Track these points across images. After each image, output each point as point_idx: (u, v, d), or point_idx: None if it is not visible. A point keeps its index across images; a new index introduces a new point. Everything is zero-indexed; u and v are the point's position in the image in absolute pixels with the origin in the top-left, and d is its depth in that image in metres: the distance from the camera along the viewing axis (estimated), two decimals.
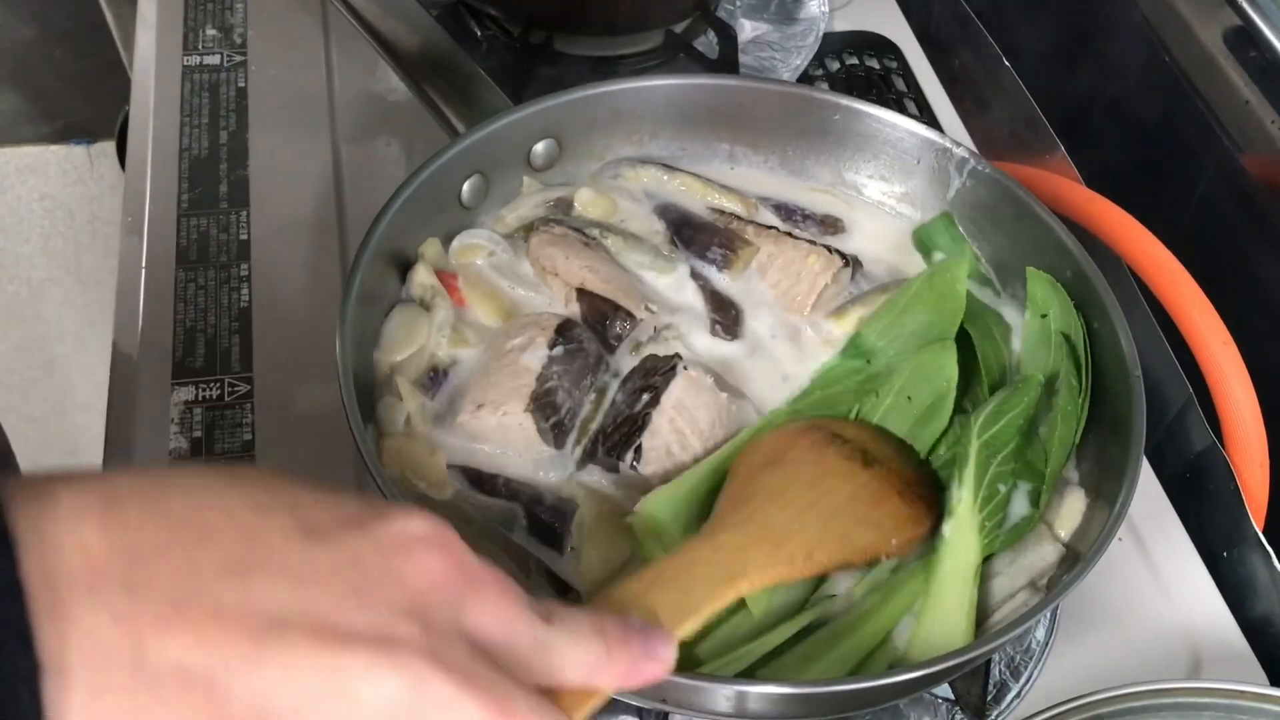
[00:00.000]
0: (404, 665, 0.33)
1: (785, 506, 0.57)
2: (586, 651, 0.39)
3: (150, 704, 0.30)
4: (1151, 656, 0.70)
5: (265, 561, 0.33)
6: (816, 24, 1.05)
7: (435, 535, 0.36)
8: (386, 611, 0.33)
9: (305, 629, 0.32)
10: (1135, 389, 0.63)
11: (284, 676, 0.32)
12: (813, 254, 0.74)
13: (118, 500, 0.32)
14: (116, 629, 0.30)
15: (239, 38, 1.01)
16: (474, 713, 0.34)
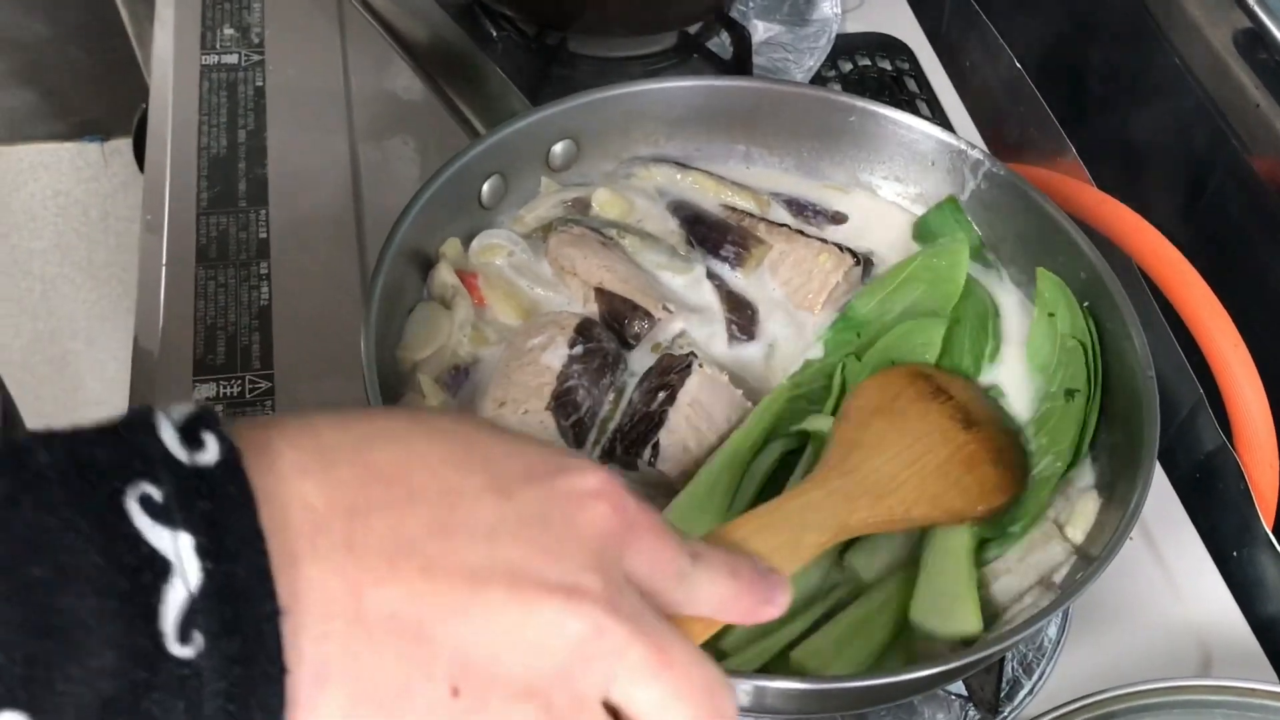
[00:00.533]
0: (586, 613, 0.35)
1: (890, 460, 0.60)
2: (720, 590, 0.41)
3: (364, 650, 0.33)
4: (1162, 655, 0.71)
5: (465, 520, 0.35)
6: (829, 25, 1.06)
7: (605, 487, 0.38)
8: (570, 563, 0.36)
9: (502, 581, 0.35)
10: (1148, 390, 0.63)
11: (484, 624, 0.34)
12: (824, 252, 0.74)
13: (331, 457, 0.35)
14: (339, 581, 0.33)
15: (256, 37, 1.02)
16: (641, 657, 0.36)
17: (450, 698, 0.34)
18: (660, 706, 0.37)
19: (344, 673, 0.33)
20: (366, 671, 0.33)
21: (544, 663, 0.35)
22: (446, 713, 0.34)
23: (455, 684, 0.34)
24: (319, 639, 0.32)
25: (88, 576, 0.29)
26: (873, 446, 0.60)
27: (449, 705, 0.34)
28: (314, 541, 0.33)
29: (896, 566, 0.62)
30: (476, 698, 0.34)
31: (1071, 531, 0.64)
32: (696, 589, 0.41)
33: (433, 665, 0.34)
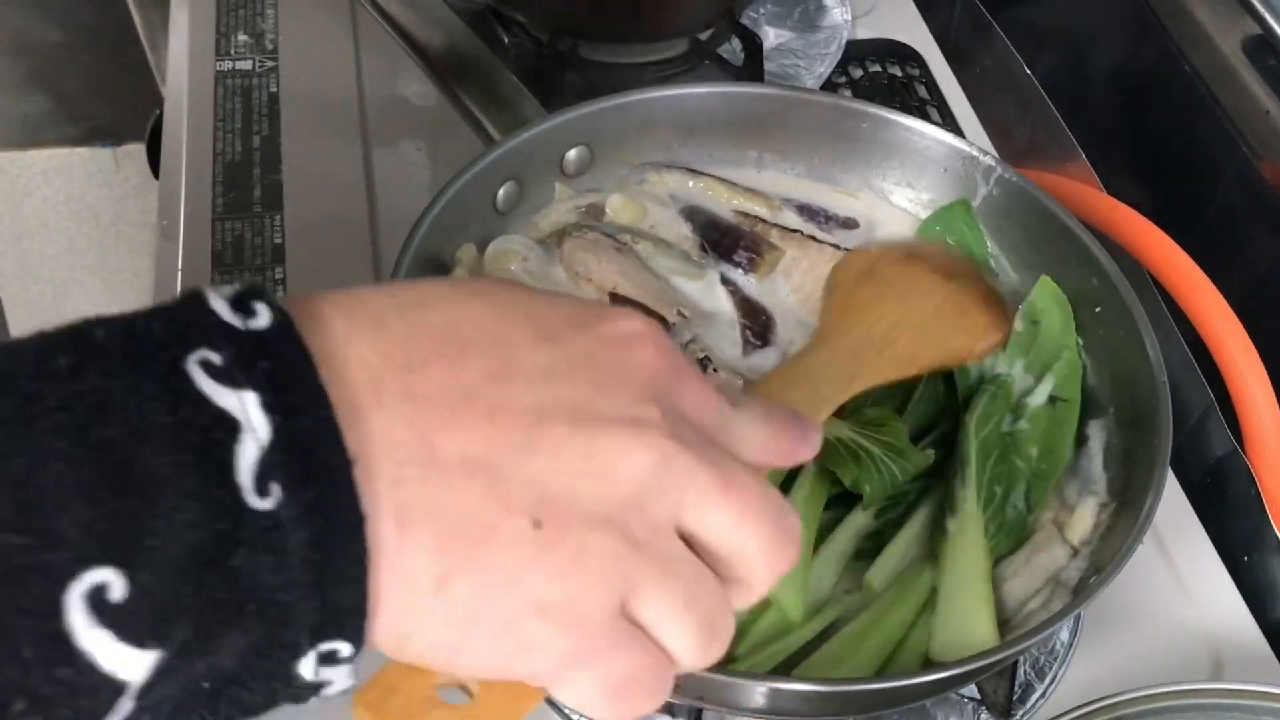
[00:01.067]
0: (651, 442, 0.37)
1: (883, 315, 0.62)
2: (760, 432, 0.42)
3: (441, 491, 0.34)
4: (1173, 659, 0.71)
5: (519, 366, 0.36)
6: (839, 32, 1.06)
7: (648, 330, 0.40)
8: (626, 398, 0.37)
9: (564, 418, 0.36)
10: (1161, 395, 0.64)
11: (553, 458, 0.35)
12: (837, 258, 0.75)
13: (381, 319, 0.36)
14: (406, 429, 0.34)
15: (270, 43, 1.03)
16: (708, 482, 0.37)
17: (533, 529, 0.35)
18: (733, 528, 0.38)
19: (425, 515, 0.34)
20: (447, 512, 0.34)
21: (616, 491, 0.36)
22: (531, 545, 0.34)
23: (535, 516, 0.35)
24: (395, 484, 0.33)
25: (160, 435, 0.30)
26: (864, 308, 0.63)
27: (533, 537, 0.35)
28: (376, 394, 0.34)
29: (909, 574, 0.62)
30: (557, 527, 0.35)
31: (1070, 534, 0.65)
32: (739, 431, 0.42)
33: (510, 501, 0.34)
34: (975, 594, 0.61)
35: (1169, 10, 1.00)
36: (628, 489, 0.36)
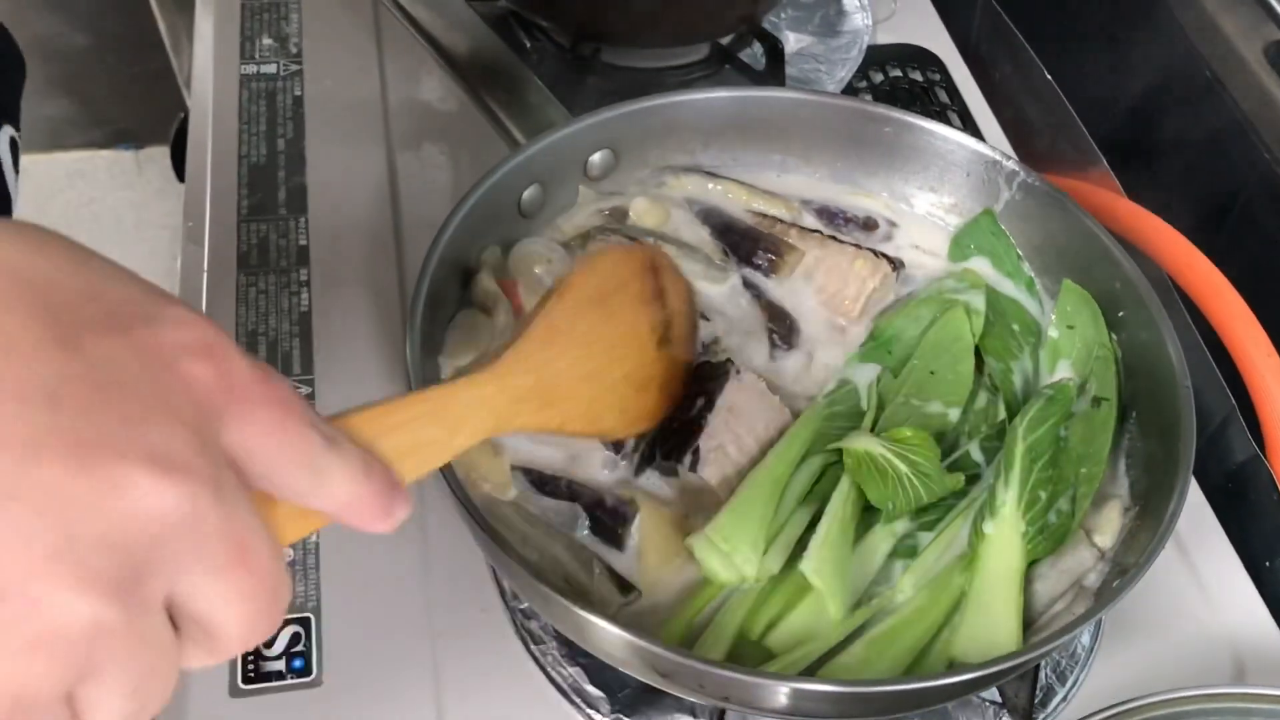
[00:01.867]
0: (181, 491, 0.30)
1: (575, 364, 0.55)
2: (351, 489, 0.36)
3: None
4: (1195, 663, 0.71)
5: (16, 379, 0.28)
6: (860, 36, 1.06)
7: (207, 341, 0.32)
8: (157, 432, 0.30)
9: (65, 452, 0.28)
10: (1184, 400, 0.64)
11: (42, 508, 0.28)
12: (859, 258, 0.75)
13: None
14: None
15: (294, 47, 1.04)
16: (222, 554, 0.31)
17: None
18: (223, 606, 0.32)
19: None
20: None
21: (111, 561, 0.29)
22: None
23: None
24: None
25: None
26: (568, 345, 0.55)
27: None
28: None
29: (942, 577, 0.63)
30: (23, 603, 0.28)
31: (1100, 539, 0.65)
32: (327, 482, 0.35)
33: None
34: (1005, 598, 0.61)
35: (1191, 16, 1.00)
36: (127, 556, 0.29)
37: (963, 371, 0.69)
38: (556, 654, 0.67)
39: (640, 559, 0.62)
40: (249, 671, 0.66)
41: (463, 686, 0.67)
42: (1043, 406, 0.66)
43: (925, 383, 0.69)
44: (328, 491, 0.36)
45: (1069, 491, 0.65)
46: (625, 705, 0.66)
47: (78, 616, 0.28)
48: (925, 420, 0.67)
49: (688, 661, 0.53)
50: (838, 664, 0.59)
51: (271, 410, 0.33)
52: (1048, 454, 0.64)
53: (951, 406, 0.68)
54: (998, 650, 0.59)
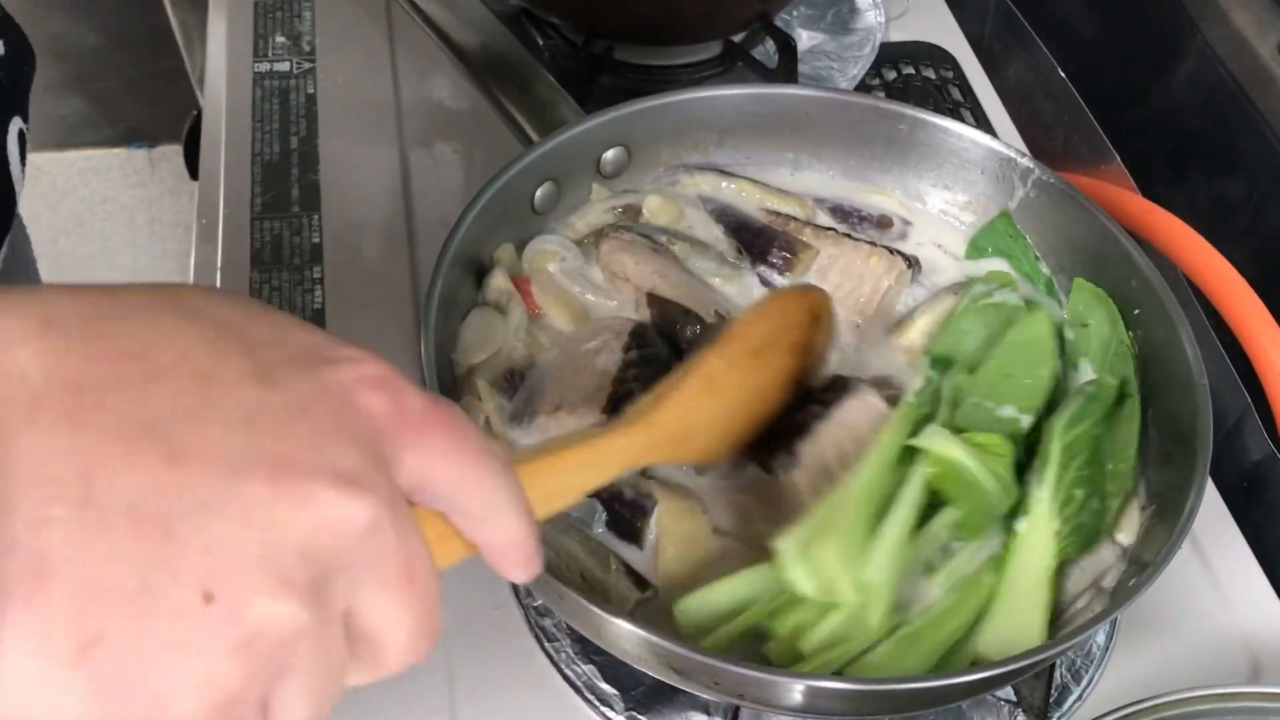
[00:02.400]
0: (366, 507, 0.33)
1: (720, 414, 0.57)
2: (516, 527, 0.38)
3: (97, 542, 0.29)
4: (1210, 662, 0.71)
5: (219, 405, 0.31)
6: (873, 34, 1.06)
7: (384, 376, 0.35)
8: (343, 456, 0.33)
9: (264, 472, 0.31)
10: (1201, 398, 0.63)
11: (243, 521, 0.31)
12: (874, 255, 0.75)
13: (58, 324, 0.30)
14: (61, 462, 0.29)
15: (308, 45, 1.04)
16: (394, 570, 0.34)
17: (202, 604, 0.30)
18: (391, 622, 0.34)
19: (69, 567, 0.28)
20: (98, 568, 0.29)
21: (305, 570, 0.31)
22: (197, 621, 0.30)
23: (207, 588, 0.30)
24: (36, 525, 0.28)
25: None
26: (718, 398, 0.57)
27: (200, 613, 0.30)
28: (30, 415, 0.29)
29: (955, 583, 0.62)
30: (231, 606, 0.30)
31: (1122, 536, 0.65)
32: (498, 513, 0.38)
33: (179, 566, 0.29)
34: (1034, 597, 0.60)
35: (1204, 14, 1.00)
36: (318, 565, 0.32)
37: (1041, 376, 0.67)
38: (570, 652, 0.67)
39: (659, 552, 0.62)
40: None
41: (476, 684, 0.67)
42: (1081, 404, 0.65)
43: (999, 385, 0.67)
44: (495, 523, 0.38)
45: (1103, 489, 0.64)
46: (639, 703, 0.66)
47: (280, 619, 0.31)
48: (996, 425, 0.65)
49: (704, 658, 0.53)
50: (865, 662, 0.58)
51: (448, 435, 0.36)
52: (1086, 452, 0.64)
53: (1025, 413, 0.66)
54: (1023, 646, 0.58)
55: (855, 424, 0.64)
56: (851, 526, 0.57)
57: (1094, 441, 0.64)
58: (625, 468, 0.50)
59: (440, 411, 0.36)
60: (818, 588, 0.55)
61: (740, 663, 0.54)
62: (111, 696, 0.29)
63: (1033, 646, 0.58)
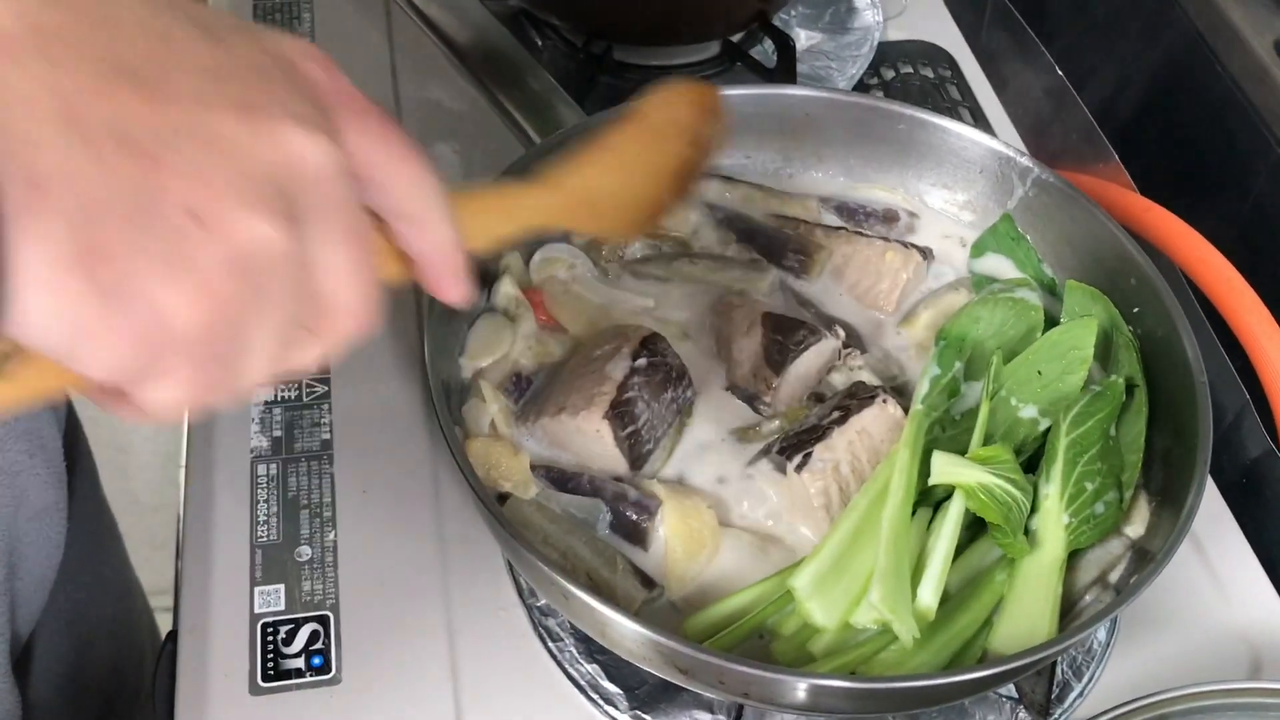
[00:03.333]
0: (325, 145, 0.35)
1: (621, 186, 0.59)
2: (447, 234, 0.41)
3: (86, 162, 0.31)
4: (1211, 658, 0.71)
5: (179, 56, 0.34)
6: (871, 33, 1.06)
7: (314, 53, 0.38)
8: (298, 106, 0.35)
9: (233, 108, 0.34)
10: (1201, 394, 0.64)
11: (218, 146, 0.33)
12: (889, 250, 0.75)
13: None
14: (43, 90, 0.31)
15: None
16: (346, 221, 0.36)
17: (193, 224, 0.32)
18: (346, 278, 0.37)
19: (65, 183, 0.31)
20: (92, 185, 0.31)
21: (283, 197, 0.34)
22: (189, 238, 0.32)
23: (193, 208, 0.32)
24: (30, 147, 0.30)
25: None
26: (620, 170, 0.58)
27: (192, 232, 0.32)
28: (11, 57, 0.31)
29: (984, 575, 0.63)
30: (220, 226, 0.33)
31: (1130, 529, 0.65)
32: (431, 216, 0.40)
33: (167, 187, 0.32)
34: (1043, 590, 0.61)
35: (1201, 10, 1.00)
36: (289, 195, 0.34)
37: (1071, 383, 0.67)
38: (574, 651, 0.67)
39: (668, 552, 0.63)
40: (269, 669, 0.66)
41: (480, 684, 0.67)
42: (1088, 402, 0.66)
43: (1028, 383, 0.68)
44: (431, 226, 0.40)
45: (1115, 481, 0.65)
46: (643, 702, 0.66)
47: (263, 240, 0.33)
48: (1015, 425, 0.66)
49: (708, 658, 0.53)
50: (878, 660, 0.59)
51: (383, 123, 0.38)
52: (1095, 447, 0.64)
53: (1045, 417, 0.66)
54: (1035, 643, 0.59)
55: (872, 431, 0.65)
56: (860, 558, 0.59)
57: (1104, 438, 0.65)
58: (536, 223, 0.52)
59: (373, 104, 0.39)
60: (832, 620, 0.58)
61: (745, 661, 0.54)
62: (112, 302, 0.32)
63: (1043, 638, 0.59)
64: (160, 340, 0.33)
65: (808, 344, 0.69)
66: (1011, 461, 0.62)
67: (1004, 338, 0.70)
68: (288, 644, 0.67)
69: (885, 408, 0.66)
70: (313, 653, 0.67)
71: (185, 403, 0.35)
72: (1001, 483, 0.61)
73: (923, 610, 0.59)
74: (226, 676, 0.66)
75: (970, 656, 0.60)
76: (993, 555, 0.64)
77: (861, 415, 0.65)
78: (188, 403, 0.35)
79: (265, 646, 0.67)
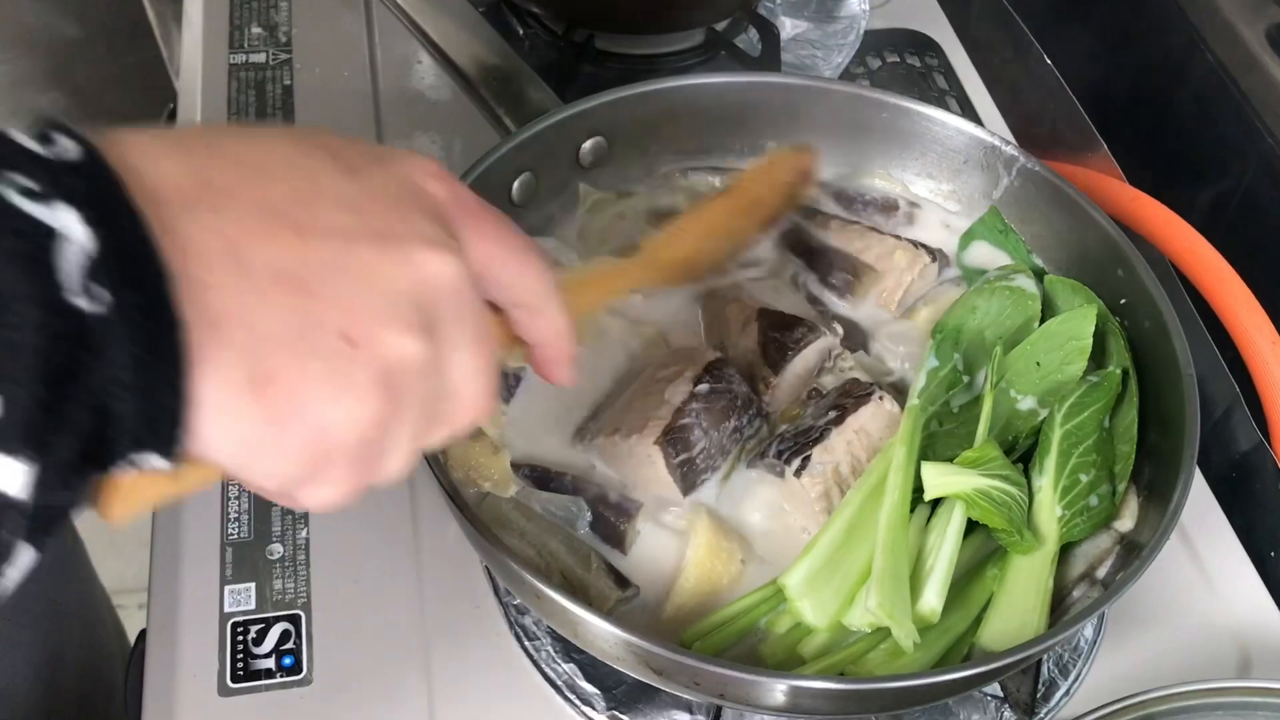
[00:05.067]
0: (452, 260, 0.40)
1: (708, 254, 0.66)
2: (562, 323, 0.46)
3: (253, 300, 0.35)
4: (1200, 656, 0.70)
5: (323, 193, 0.38)
6: (857, 22, 1.05)
7: (436, 171, 0.42)
8: (424, 227, 0.40)
9: (372, 239, 0.38)
10: (1188, 388, 0.63)
11: (363, 275, 0.38)
12: (899, 249, 0.74)
13: (186, 144, 0.37)
14: (215, 240, 0.35)
15: (284, 36, 1.02)
16: (472, 326, 0.41)
17: (345, 346, 0.37)
18: (470, 376, 0.41)
19: (237, 320, 0.35)
20: (258, 320, 0.35)
21: (422, 313, 0.39)
22: (347, 360, 0.37)
23: (347, 332, 0.37)
24: (206, 291, 0.34)
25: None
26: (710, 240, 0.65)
27: (348, 354, 0.37)
28: (185, 209, 0.35)
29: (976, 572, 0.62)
30: (371, 346, 0.37)
31: (1120, 523, 0.64)
32: (548, 308, 0.46)
33: (322, 316, 0.36)
34: (1034, 584, 0.60)
35: (1192, 0, 0.99)
36: (425, 309, 0.39)
37: (1069, 373, 0.66)
38: (550, 650, 0.66)
39: (678, 578, 0.61)
40: (238, 670, 0.65)
41: (455, 684, 0.66)
42: (1084, 394, 0.65)
43: (1026, 374, 0.66)
44: (547, 315, 0.46)
45: (1109, 472, 0.64)
46: (620, 702, 0.65)
47: (409, 354, 0.38)
48: (1013, 417, 0.65)
49: (682, 658, 0.52)
50: (868, 660, 0.58)
51: (500, 227, 0.43)
52: (1091, 439, 0.63)
53: (1044, 408, 0.65)
54: (1025, 638, 0.58)
55: (870, 430, 0.64)
56: (854, 556, 0.58)
57: (1099, 430, 0.64)
58: (633, 290, 0.61)
59: (490, 208, 0.44)
60: (824, 620, 0.57)
61: (719, 662, 0.53)
62: (284, 425, 0.36)
63: (1034, 633, 0.58)
64: (322, 451, 0.37)
65: (806, 341, 0.68)
66: (1001, 458, 0.61)
67: (1002, 328, 0.69)
68: (258, 644, 0.66)
69: (882, 405, 0.65)
70: (283, 653, 0.66)
71: (339, 499, 0.40)
72: (997, 484, 0.60)
73: (926, 614, 0.58)
74: (195, 677, 0.65)
75: (960, 653, 0.59)
76: (985, 549, 0.63)
77: (858, 414, 0.64)
78: (341, 498, 0.40)
79: (235, 646, 0.65)
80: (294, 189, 0.38)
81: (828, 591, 0.57)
